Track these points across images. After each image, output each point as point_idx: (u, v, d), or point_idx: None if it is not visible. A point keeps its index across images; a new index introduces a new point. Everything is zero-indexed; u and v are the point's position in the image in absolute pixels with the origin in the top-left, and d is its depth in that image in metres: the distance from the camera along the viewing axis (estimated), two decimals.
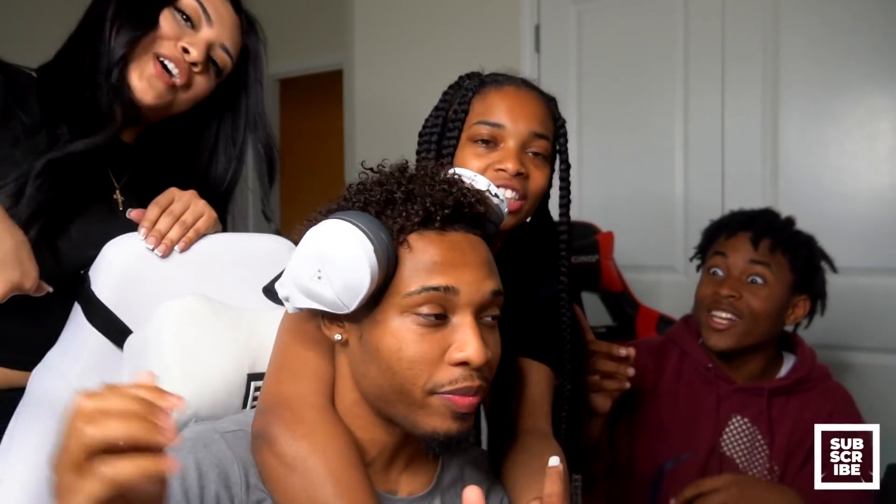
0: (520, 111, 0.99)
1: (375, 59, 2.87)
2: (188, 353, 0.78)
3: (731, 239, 1.34)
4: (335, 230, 0.65)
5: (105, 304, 0.83)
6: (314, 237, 0.66)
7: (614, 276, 1.89)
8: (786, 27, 2.12)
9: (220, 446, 0.68)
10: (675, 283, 2.24)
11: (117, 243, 0.87)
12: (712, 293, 1.32)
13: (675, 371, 1.38)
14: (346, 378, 0.73)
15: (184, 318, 0.79)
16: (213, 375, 0.79)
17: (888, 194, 2.01)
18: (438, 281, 0.67)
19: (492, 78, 1.06)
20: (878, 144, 2.03)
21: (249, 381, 0.82)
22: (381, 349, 0.68)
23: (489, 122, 0.98)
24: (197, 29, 1.02)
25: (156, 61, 0.99)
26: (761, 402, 1.32)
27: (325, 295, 0.66)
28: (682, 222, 2.28)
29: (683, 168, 2.28)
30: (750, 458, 1.30)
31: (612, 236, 1.91)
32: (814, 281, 1.35)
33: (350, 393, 0.73)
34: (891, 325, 1.99)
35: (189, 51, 1.00)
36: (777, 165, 2.14)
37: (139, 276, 0.84)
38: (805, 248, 1.34)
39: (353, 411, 0.73)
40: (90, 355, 0.83)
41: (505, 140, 0.97)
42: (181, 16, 1.00)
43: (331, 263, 0.65)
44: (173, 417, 0.73)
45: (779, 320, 1.32)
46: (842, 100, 2.06)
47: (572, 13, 2.47)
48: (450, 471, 0.81)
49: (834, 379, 1.38)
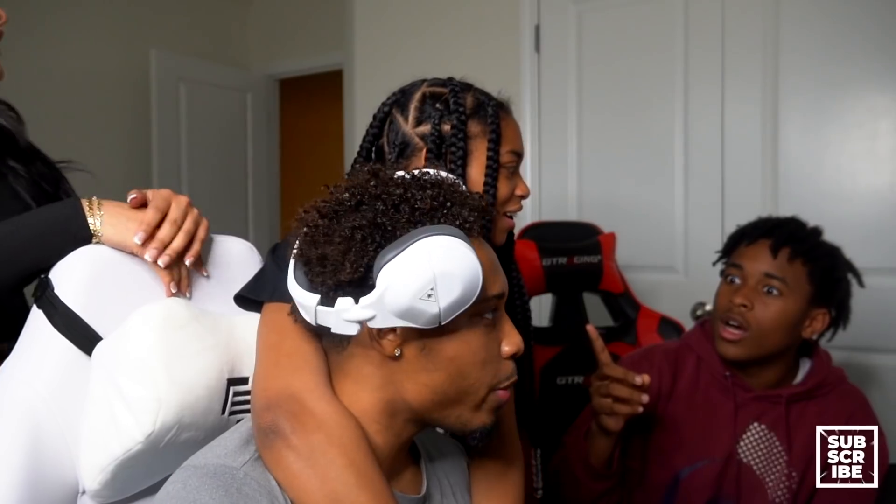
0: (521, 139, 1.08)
1: (375, 59, 2.87)
2: (174, 358, 0.76)
3: (751, 246, 1.32)
4: (454, 247, 0.63)
5: (72, 308, 0.80)
6: (430, 256, 0.63)
7: (616, 278, 1.89)
8: (786, 27, 2.12)
9: (252, 486, 0.65)
10: (675, 284, 2.24)
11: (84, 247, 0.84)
12: (727, 302, 1.31)
13: (691, 377, 1.37)
14: (368, 385, 0.71)
15: (168, 323, 0.78)
16: (198, 380, 0.78)
17: (888, 194, 2.01)
18: (501, 286, 0.72)
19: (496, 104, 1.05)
20: (878, 144, 2.03)
21: (229, 386, 0.81)
22: (454, 356, 0.69)
23: (517, 153, 1.04)
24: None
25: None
26: (779, 409, 1.30)
27: (428, 312, 0.64)
28: (682, 223, 2.28)
29: (683, 168, 2.28)
30: (767, 466, 1.29)
31: (614, 237, 1.91)
32: (834, 294, 1.32)
33: (372, 399, 0.71)
34: (891, 326, 1.99)
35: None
36: (777, 165, 2.14)
37: (109, 279, 0.82)
38: (827, 260, 1.30)
39: (371, 416, 0.72)
40: (54, 361, 0.80)
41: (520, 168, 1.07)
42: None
43: (449, 280, 0.63)
44: (158, 427, 0.74)
45: (793, 332, 1.29)
46: (842, 99, 2.07)
47: (572, 13, 2.47)
48: (434, 472, 0.83)
49: (849, 382, 1.37)
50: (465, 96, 1.02)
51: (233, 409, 0.82)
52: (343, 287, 0.66)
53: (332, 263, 0.66)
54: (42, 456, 0.77)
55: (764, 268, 1.29)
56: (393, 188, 0.68)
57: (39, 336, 0.81)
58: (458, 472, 0.87)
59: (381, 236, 0.65)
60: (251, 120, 3.67)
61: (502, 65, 2.57)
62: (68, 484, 0.80)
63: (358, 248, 0.65)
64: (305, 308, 0.68)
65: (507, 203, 1.04)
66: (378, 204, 0.67)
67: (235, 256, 0.96)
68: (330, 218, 0.68)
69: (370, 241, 0.65)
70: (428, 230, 0.64)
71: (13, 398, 0.78)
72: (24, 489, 0.75)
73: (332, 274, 0.66)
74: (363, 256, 0.65)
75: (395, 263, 0.63)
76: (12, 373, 0.81)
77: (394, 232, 0.65)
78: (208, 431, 0.80)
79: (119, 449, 0.75)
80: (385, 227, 0.66)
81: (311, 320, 0.68)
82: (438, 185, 0.70)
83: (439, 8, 2.71)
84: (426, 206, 0.67)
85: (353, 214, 0.67)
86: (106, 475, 0.76)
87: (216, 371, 0.80)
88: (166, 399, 0.75)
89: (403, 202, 0.67)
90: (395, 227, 0.66)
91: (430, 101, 1.01)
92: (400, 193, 0.68)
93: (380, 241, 0.65)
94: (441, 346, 0.69)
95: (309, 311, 0.68)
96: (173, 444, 0.77)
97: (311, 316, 0.68)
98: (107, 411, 0.76)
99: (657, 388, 1.36)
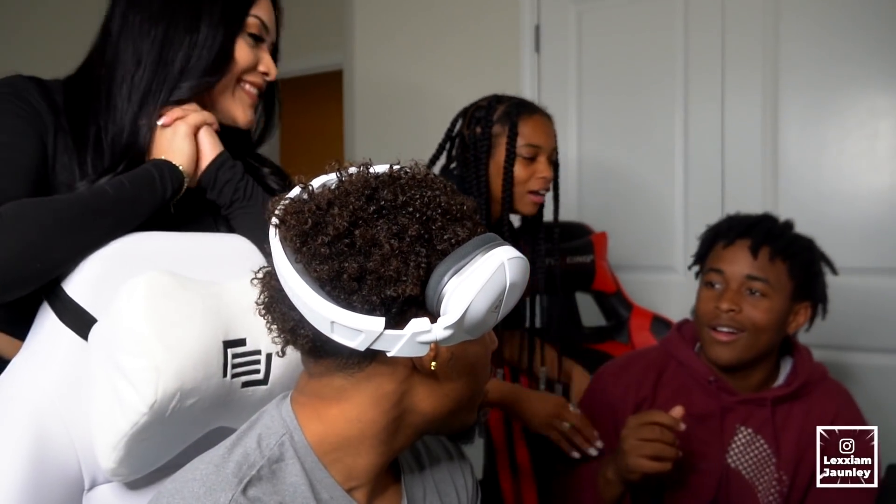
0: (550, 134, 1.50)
1: (375, 59, 2.87)
2: (166, 325, 0.76)
3: (729, 248, 1.31)
4: (517, 257, 0.61)
5: (78, 303, 0.81)
6: (505, 268, 0.60)
7: (608, 277, 1.89)
8: (786, 27, 2.12)
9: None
10: (674, 284, 2.24)
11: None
12: (713, 309, 1.29)
13: (673, 384, 1.36)
14: (385, 403, 0.66)
15: (155, 291, 0.77)
16: (192, 346, 0.77)
17: (888, 194, 2.01)
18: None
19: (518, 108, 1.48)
20: (878, 144, 2.03)
21: (226, 349, 0.81)
22: (476, 359, 0.70)
23: (534, 145, 1.45)
24: (262, 43, 1.02)
25: (248, 91, 1.03)
26: (765, 411, 1.29)
27: (488, 324, 0.63)
28: (682, 222, 2.29)
29: (683, 168, 2.29)
30: (757, 470, 1.28)
31: (606, 236, 1.91)
32: (814, 287, 1.32)
33: (385, 417, 0.67)
34: (891, 326, 1.99)
35: (269, 73, 1.03)
36: (777, 165, 2.15)
37: (115, 274, 0.82)
38: (805, 254, 1.31)
39: (376, 436, 0.67)
40: (62, 358, 0.81)
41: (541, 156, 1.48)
42: (252, 39, 1.00)
43: (513, 291, 0.62)
44: (160, 395, 0.73)
45: (781, 329, 1.30)
46: (842, 100, 2.07)
47: (572, 13, 2.47)
48: (419, 484, 0.79)
49: (831, 377, 1.37)
50: (497, 107, 1.45)
51: (234, 371, 0.82)
52: (406, 304, 0.61)
53: (382, 279, 0.59)
54: (47, 455, 0.77)
55: (745, 270, 1.28)
56: (412, 192, 0.63)
57: (48, 332, 0.82)
58: (449, 480, 0.83)
59: (423, 245, 0.61)
60: None
61: (502, 65, 2.57)
62: (73, 482, 0.80)
63: (412, 260, 0.60)
64: (350, 331, 0.59)
65: (527, 183, 1.45)
66: (406, 210, 0.62)
67: (236, 254, 0.96)
68: (352, 226, 0.61)
69: (418, 253, 0.60)
70: (487, 240, 0.61)
71: (20, 397, 0.79)
72: (28, 488, 0.75)
73: (381, 290, 0.59)
74: (418, 268, 0.60)
75: (472, 278, 0.59)
76: (20, 371, 0.82)
77: (431, 240, 0.62)
78: (213, 396, 0.80)
79: (126, 424, 0.75)
80: (422, 236, 0.61)
81: (360, 346, 0.60)
82: (442, 185, 0.66)
83: (439, 8, 2.71)
84: (453, 211, 0.64)
85: (382, 222, 0.61)
86: (119, 452, 0.76)
87: (210, 334, 0.79)
88: (164, 367, 0.74)
89: (429, 207, 0.63)
90: (432, 236, 0.62)
91: (473, 113, 1.48)
92: (426, 197, 0.63)
93: (424, 251, 0.61)
94: (466, 350, 0.67)
95: (359, 335, 0.59)
96: (180, 412, 0.77)
97: (357, 341, 0.60)
98: (109, 390, 0.76)
99: (637, 398, 1.36)
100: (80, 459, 0.80)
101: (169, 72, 0.94)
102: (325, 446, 0.67)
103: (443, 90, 2.69)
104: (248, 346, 0.82)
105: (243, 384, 0.83)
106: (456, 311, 0.59)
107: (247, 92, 1.03)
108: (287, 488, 0.64)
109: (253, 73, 1.02)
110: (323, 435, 0.67)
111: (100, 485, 0.82)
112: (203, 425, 0.84)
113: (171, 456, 0.83)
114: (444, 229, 0.62)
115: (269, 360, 0.84)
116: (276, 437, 0.66)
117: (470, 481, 0.86)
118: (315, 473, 0.66)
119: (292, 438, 0.67)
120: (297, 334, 0.64)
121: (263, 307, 0.67)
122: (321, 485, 0.66)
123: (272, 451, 0.65)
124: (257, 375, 0.84)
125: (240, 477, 0.62)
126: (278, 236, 0.64)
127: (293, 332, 0.64)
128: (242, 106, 1.03)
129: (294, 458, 0.66)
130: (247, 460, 0.64)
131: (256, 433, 0.67)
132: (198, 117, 0.96)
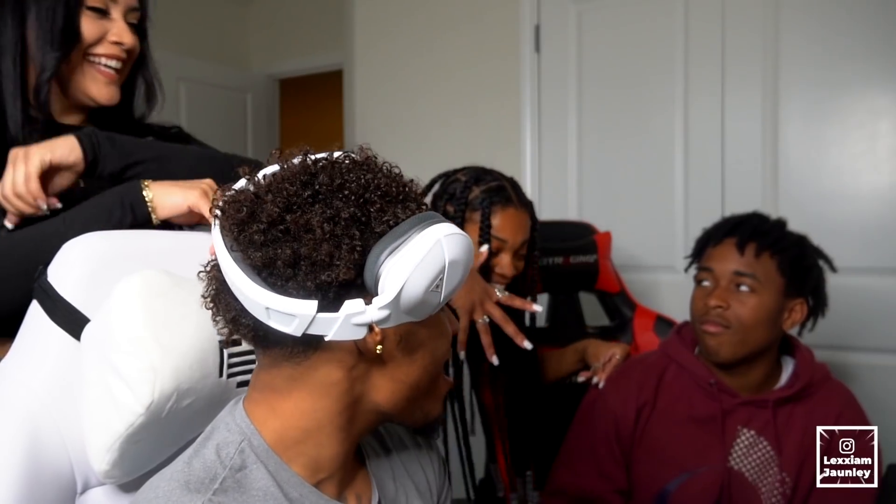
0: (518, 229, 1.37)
1: (375, 59, 2.87)
2: (161, 325, 0.75)
3: (718, 247, 1.33)
4: (457, 233, 0.61)
5: (70, 302, 0.80)
6: (442, 245, 0.59)
7: (612, 277, 1.88)
8: (786, 27, 2.12)
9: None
10: (675, 283, 2.24)
11: (80, 242, 0.84)
12: (702, 306, 1.31)
13: (674, 387, 1.35)
14: (333, 392, 0.65)
15: (149, 290, 0.76)
16: (189, 345, 0.76)
17: (888, 194, 2.01)
18: None
19: (492, 200, 1.35)
20: (878, 144, 2.03)
21: (222, 349, 0.80)
22: (427, 341, 0.67)
23: (501, 238, 1.33)
24: (108, 14, 1.01)
25: (100, 68, 1.02)
26: (767, 413, 1.29)
27: (431, 304, 0.62)
28: (683, 222, 2.28)
29: (683, 168, 2.28)
30: (760, 471, 1.28)
31: (610, 236, 1.91)
32: (807, 282, 1.32)
33: (335, 407, 0.66)
34: (892, 326, 1.99)
35: (122, 41, 1.02)
36: (777, 165, 2.14)
37: (107, 273, 0.81)
38: (794, 250, 1.30)
39: (332, 425, 0.66)
40: (54, 358, 0.80)
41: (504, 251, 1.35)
42: (94, 12, 1.00)
43: (455, 269, 0.61)
44: (157, 396, 0.72)
45: (774, 326, 1.29)
46: (842, 100, 2.06)
47: (572, 13, 2.47)
48: (385, 468, 0.79)
49: (833, 377, 1.36)
50: (473, 188, 1.34)
51: (230, 371, 0.81)
52: (343, 288, 0.60)
53: (315, 264, 0.58)
54: (39, 458, 0.77)
55: (733, 266, 1.29)
56: (349, 175, 0.62)
57: (38, 332, 0.81)
58: (420, 471, 0.82)
59: (358, 228, 0.60)
60: (251, 120, 3.67)
61: (502, 65, 2.57)
62: (65, 485, 0.79)
63: (346, 243, 0.59)
64: (285, 317, 0.58)
65: (490, 273, 1.34)
66: (342, 193, 0.61)
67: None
68: (285, 212, 0.60)
69: (352, 236, 0.59)
70: (424, 218, 0.60)
71: (10, 400, 0.78)
72: (21, 491, 0.74)
73: (315, 275, 0.58)
74: (352, 252, 0.59)
75: (407, 257, 0.58)
76: (10, 373, 0.81)
77: (368, 223, 0.60)
78: (209, 397, 0.79)
79: (121, 425, 0.74)
80: (359, 219, 0.60)
81: (295, 331, 0.59)
82: (379, 168, 0.65)
83: (440, 8, 2.71)
84: (393, 193, 0.62)
85: (317, 206, 0.60)
86: (113, 454, 0.75)
87: (206, 334, 0.78)
88: (160, 367, 0.73)
89: (367, 190, 0.61)
90: (369, 218, 0.60)
91: (449, 185, 1.38)
92: (363, 180, 0.62)
93: (359, 234, 0.59)
94: (418, 335, 0.66)
95: (293, 320, 0.58)
96: (175, 413, 0.76)
97: (292, 326, 0.59)
98: (104, 390, 0.75)
99: (638, 403, 1.35)
100: (73, 462, 0.79)
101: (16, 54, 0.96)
102: (286, 442, 0.66)
103: (443, 90, 2.69)
104: (243, 346, 0.81)
105: (238, 384, 0.82)
106: (391, 291, 0.58)
107: (100, 69, 1.01)
108: (256, 493, 0.63)
109: (102, 44, 1.01)
110: (281, 431, 0.66)
111: (92, 488, 0.81)
112: (197, 426, 0.83)
113: (164, 458, 0.82)
114: (382, 211, 0.61)
115: None
116: (235, 445, 0.65)
117: (436, 459, 0.85)
118: (280, 474, 0.65)
119: (251, 443, 0.65)
120: (238, 323, 0.63)
121: (210, 299, 0.67)
122: (288, 484, 0.65)
123: (233, 461, 0.64)
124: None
125: (202, 491, 0.61)
126: (217, 226, 0.63)
127: (235, 322, 0.64)
128: (96, 83, 1.02)
129: (257, 462, 0.65)
130: (208, 473, 0.63)
131: (214, 444, 0.65)
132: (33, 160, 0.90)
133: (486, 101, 2.61)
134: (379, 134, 2.82)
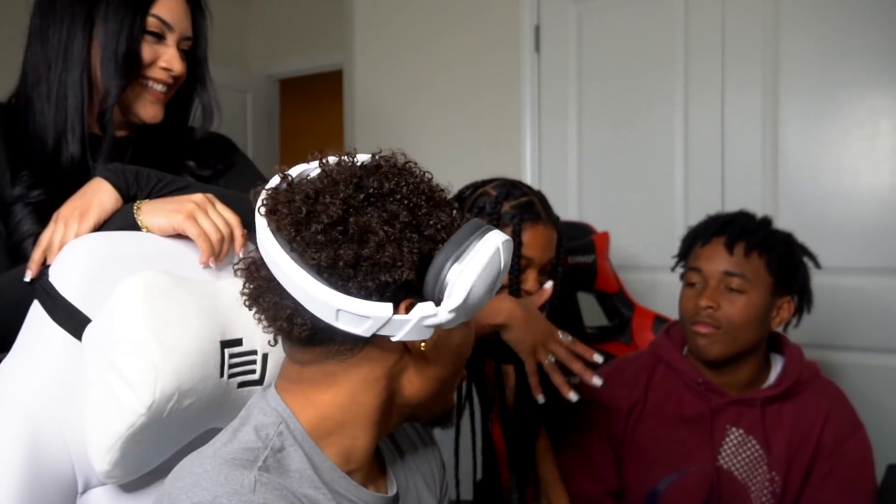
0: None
1: (375, 59, 2.87)
2: (162, 325, 0.75)
3: (706, 247, 1.33)
4: (507, 240, 0.64)
5: (71, 302, 0.80)
6: (501, 251, 0.62)
7: (610, 277, 1.88)
8: (786, 27, 2.12)
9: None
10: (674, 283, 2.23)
11: (81, 242, 0.84)
12: (693, 306, 1.31)
13: (663, 387, 1.36)
14: (376, 387, 0.67)
15: (151, 291, 0.77)
16: (190, 345, 0.77)
17: (888, 194, 2.01)
18: None
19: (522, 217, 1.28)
20: (878, 144, 2.03)
21: (223, 349, 0.80)
22: (461, 341, 0.71)
23: (528, 257, 1.27)
24: (164, 40, 1.05)
25: (149, 88, 1.05)
26: (755, 411, 1.29)
27: (482, 305, 0.65)
28: (682, 222, 2.27)
29: (683, 168, 2.28)
30: (749, 470, 1.28)
31: (608, 236, 1.91)
32: (795, 280, 1.32)
33: (375, 402, 0.68)
34: (892, 326, 1.99)
35: (171, 69, 1.05)
36: (777, 165, 2.14)
37: (108, 273, 0.82)
38: (782, 248, 1.31)
39: (370, 419, 0.68)
40: (55, 358, 0.80)
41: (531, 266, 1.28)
42: (152, 37, 1.03)
43: (505, 274, 0.66)
44: (158, 396, 0.73)
45: (763, 325, 1.30)
46: (842, 100, 2.06)
47: (572, 13, 2.47)
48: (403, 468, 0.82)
49: (823, 376, 1.37)
50: (504, 204, 1.29)
51: (231, 371, 0.81)
52: (401, 289, 0.61)
53: (378, 265, 0.60)
54: (40, 458, 0.77)
55: (722, 266, 1.29)
56: (398, 179, 0.64)
57: (40, 332, 0.81)
58: (426, 464, 0.85)
59: (413, 231, 0.62)
60: (251, 120, 3.67)
61: (502, 65, 2.57)
62: (66, 485, 0.79)
63: (406, 246, 0.61)
64: (357, 318, 0.60)
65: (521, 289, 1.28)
66: (393, 197, 0.63)
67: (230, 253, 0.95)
68: (346, 214, 0.61)
69: (410, 239, 0.62)
70: (478, 226, 0.63)
71: (12, 400, 0.78)
72: (22, 492, 0.74)
73: (375, 276, 0.60)
74: (412, 254, 0.61)
75: (473, 263, 0.61)
76: (11, 373, 0.81)
77: (419, 226, 0.63)
78: (210, 397, 0.79)
79: (123, 425, 0.74)
80: (411, 222, 0.62)
81: (365, 332, 0.61)
82: (421, 172, 0.68)
83: (440, 8, 2.71)
84: (435, 198, 0.66)
85: (371, 209, 0.62)
86: (114, 454, 0.75)
87: (207, 334, 0.79)
88: (162, 367, 0.74)
89: (415, 194, 0.64)
90: (419, 222, 0.63)
91: (478, 197, 1.31)
92: (412, 184, 0.64)
93: (416, 237, 0.62)
94: (452, 333, 0.68)
95: (365, 321, 0.60)
96: (176, 413, 0.76)
97: (363, 328, 0.60)
98: (105, 390, 0.75)
99: (629, 402, 1.36)
100: (74, 462, 0.80)
101: (82, 70, 0.99)
102: (320, 431, 0.68)
103: (443, 90, 2.69)
104: (244, 346, 0.81)
105: (239, 384, 0.83)
106: (459, 296, 0.60)
107: (148, 89, 1.05)
108: (294, 474, 0.65)
109: (152, 68, 1.05)
110: (317, 421, 0.68)
111: (93, 488, 0.82)
112: (198, 426, 0.84)
113: (164, 458, 0.82)
114: (429, 215, 0.64)
115: (264, 361, 0.84)
116: (274, 427, 0.66)
117: (437, 453, 0.89)
118: (315, 458, 0.67)
119: (288, 426, 0.67)
120: (293, 323, 0.63)
121: (249, 298, 0.67)
122: (322, 469, 0.67)
123: (272, 442, 0.65)
124: (253, 376, 0.84)
125: (249, 468, 0.62)
126: (269, 226, 0.63)
127: (290, 321, 0.64)
128: (144, 103, 1.06)
129: (294, 444, 0.66)
130: (251, 451, 0.64)
131: (252, 426, 0.67)
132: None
133: (486, 102, 2.61)
134: (379, 134, 2.82)
